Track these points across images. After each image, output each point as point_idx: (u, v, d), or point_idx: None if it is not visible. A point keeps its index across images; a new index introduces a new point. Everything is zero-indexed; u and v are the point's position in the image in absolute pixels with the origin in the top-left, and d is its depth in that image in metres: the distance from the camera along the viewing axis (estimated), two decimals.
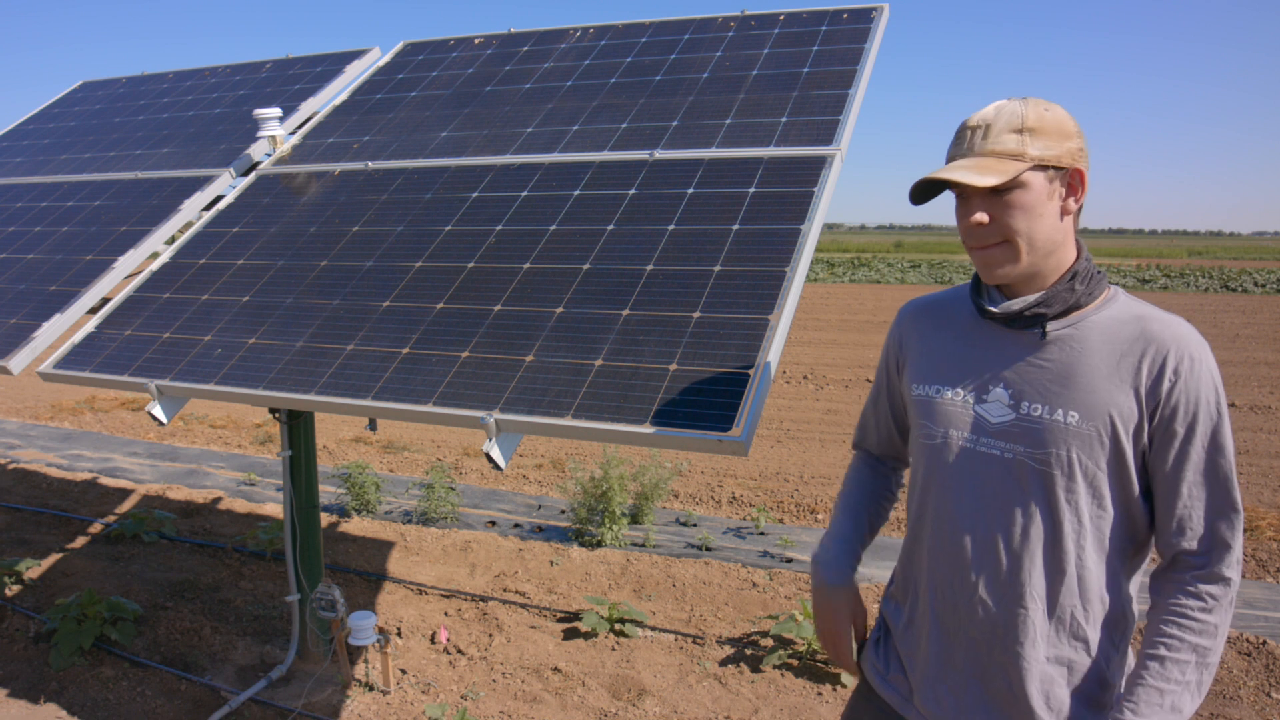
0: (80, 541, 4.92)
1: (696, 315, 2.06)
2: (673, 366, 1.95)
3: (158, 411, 2.42)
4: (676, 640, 3.79)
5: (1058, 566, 1.33)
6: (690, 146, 2.69)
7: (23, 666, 3.49)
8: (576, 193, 2.65)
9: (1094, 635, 1.35)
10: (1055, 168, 1.32)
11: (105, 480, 6.21)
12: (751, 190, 2.42)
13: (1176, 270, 36.70)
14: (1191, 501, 1.30)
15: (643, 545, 4.97)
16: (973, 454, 1.38)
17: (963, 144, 1.35)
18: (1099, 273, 1.36)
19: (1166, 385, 1.28)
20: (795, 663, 3.53)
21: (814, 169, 2.43)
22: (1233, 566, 1.29)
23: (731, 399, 1.82)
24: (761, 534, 5.25)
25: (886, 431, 1.67)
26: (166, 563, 4.59)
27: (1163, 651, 1.28)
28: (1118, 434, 1.29)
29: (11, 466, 6.54)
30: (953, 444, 1.40)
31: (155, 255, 3.13)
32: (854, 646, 1.59)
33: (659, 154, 2.70)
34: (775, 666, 3.50)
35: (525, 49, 3.59)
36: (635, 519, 5.35)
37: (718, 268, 2.19)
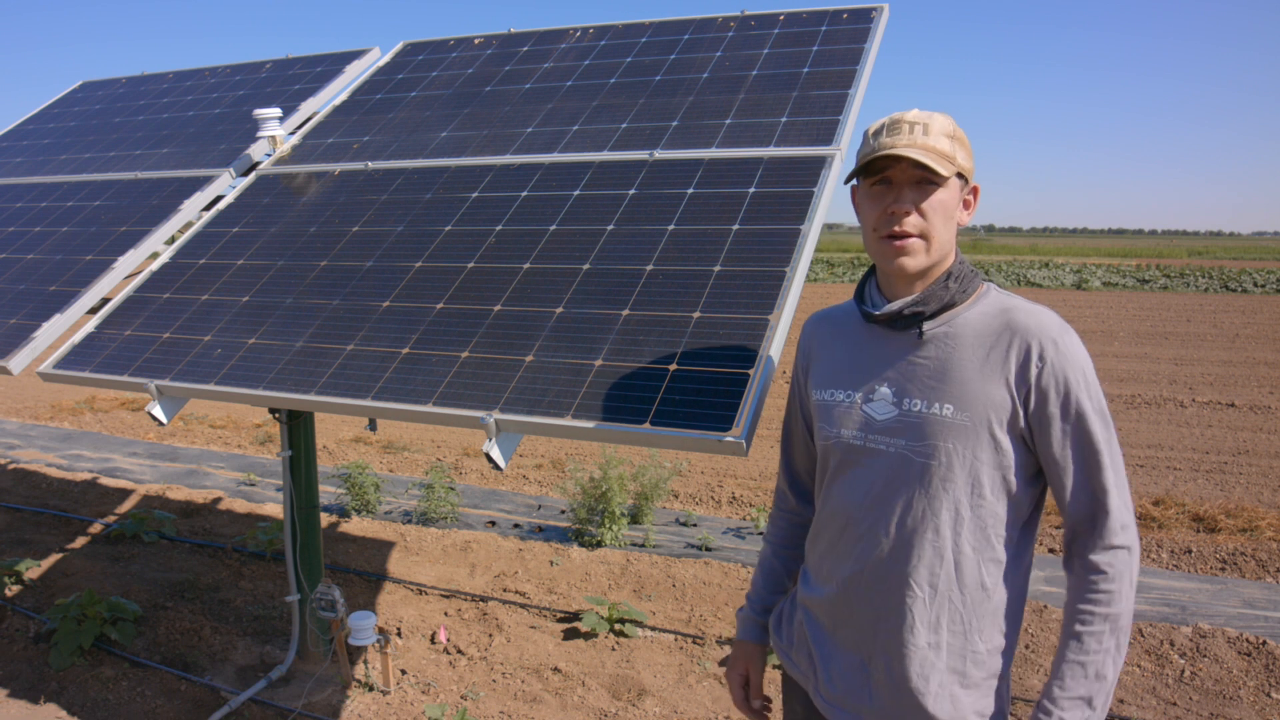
0: (80, 541, 4.92)
1: (696, 315, 2.06)
2: (673, 366, 1.95)
3: (158, 411, 2.42)
4: (676, 640, 3.79)
5: (937, 555, 1.39)
6: (690, 147, 2.69)
7: (23, 666, 3.49)
8: (576, 193, 2.65)
9: (975, 622, 1.41)
10: (965, 180, 1.45)
11: (105, 480, 6.21)
12: (751, 190, 2.43)
13: (1176, 270, 36.68)
14: (1077, 478, 1.37)
15: (643, 545, 4.97)
16: (863, 450, 1.46)
17: (900, 135, 1.40)
18: (972, 272, 1.45)
19: (1034, 372, 1.35)
20: None
21: (814, 169, 2.43)
22: (1123, 533, 1.35)
23: (731, 399, 1.82)
24: (761, 534, 5.25)
25: (804, 446, 1.70)
26: (166, 563, 4.59)
27: (1078, 628, 1.35)
28: (992, 424, 1.36)
29: (11, 466, 6.54)
30: (845, 442, 1.49)
31: (155, 255, 3.13)
32: (745, 693, 1.74)
33: (659, 154, 2.70)
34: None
35: (525, 49, 3.59)
36: (635, 519, 5.35)
37: (718, 268, 2.19)
